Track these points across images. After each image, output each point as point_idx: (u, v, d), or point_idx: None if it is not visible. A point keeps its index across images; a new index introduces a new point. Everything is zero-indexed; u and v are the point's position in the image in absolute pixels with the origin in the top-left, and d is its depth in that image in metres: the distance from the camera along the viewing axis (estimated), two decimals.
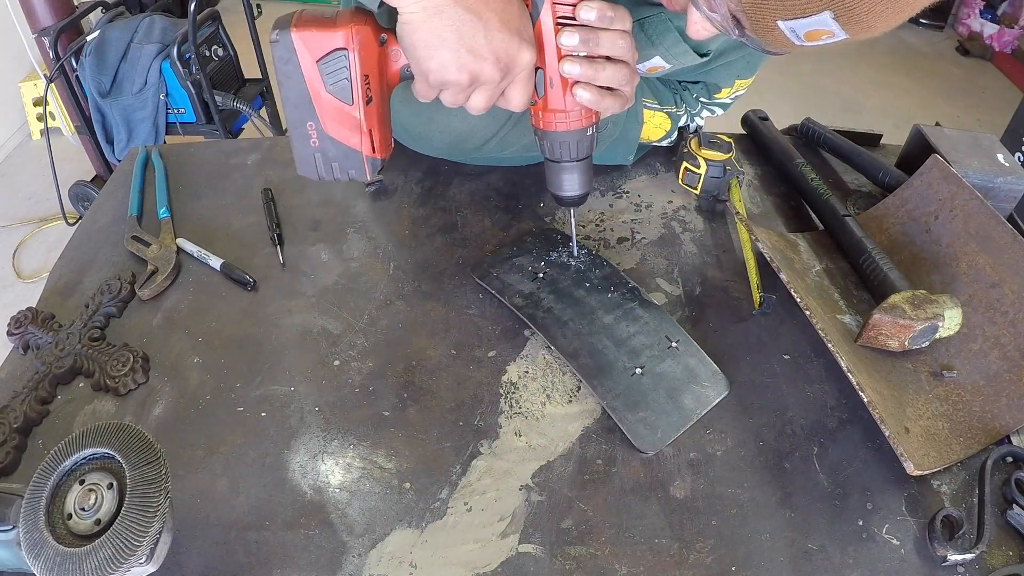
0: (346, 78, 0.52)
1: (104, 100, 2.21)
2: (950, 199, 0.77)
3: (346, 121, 0.54)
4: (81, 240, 0.84)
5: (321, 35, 0.51)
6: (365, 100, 0.54)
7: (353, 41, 0.52)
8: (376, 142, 0.56)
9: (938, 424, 0.64)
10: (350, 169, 0.57)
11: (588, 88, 0.59)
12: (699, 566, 0.55)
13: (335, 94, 0.53)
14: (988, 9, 3.85)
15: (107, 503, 0.46)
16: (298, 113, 0.54)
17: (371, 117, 0.55)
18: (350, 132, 0.55)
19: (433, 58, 0.54)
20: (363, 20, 0.53)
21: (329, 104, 0.54)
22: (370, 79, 0.54)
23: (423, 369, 0.69)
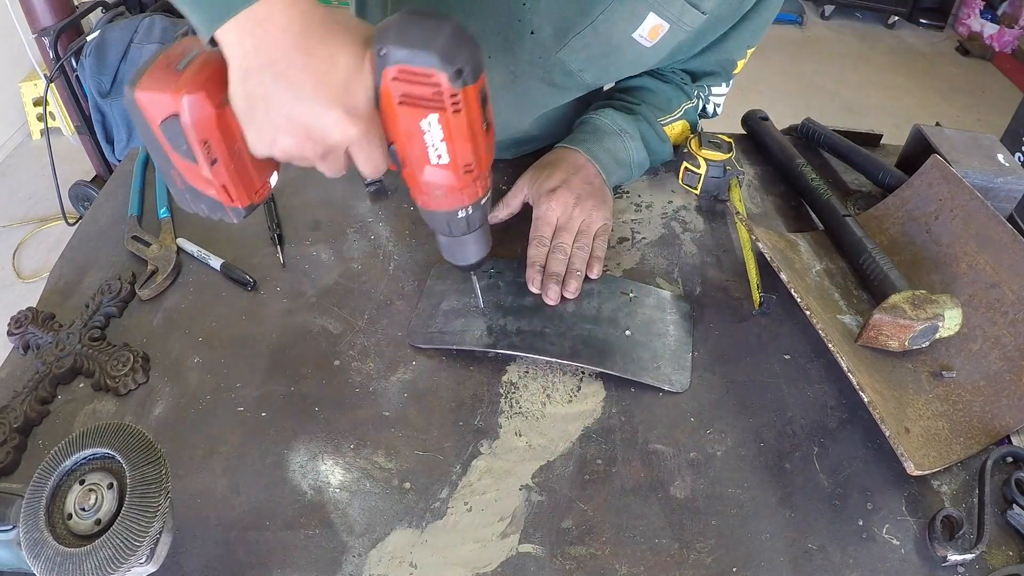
0: (184, 144, 0.49)
1: (104, 100, 2.21)
2: (950, 199, 0.77)
3: (198, 178, 0.52)
4: (81, 240, 0.84)
5: (158, 98, 0.48)
6: (209, 162, 0.50)
7: (184, 110, 0.47)
8: (234, 194, 0.53)
9: (938, 424, 0.64)
10: (216, 213, 0.55)
11: None
12: (699, 566, 0.55)
13: (181, 155, 0.50)
14: (988, 9, 3.85)
15: (107, 503, 0.46)
16: (161, 163, 0.52)
17: (220, 175, 0.51)
18: (206, 185, 0.53)
19: (246, 126, 0.49)
20: (204, 79, 0.48)
21: (181, 162, 0.51)
22: (211, 143, 0.49)
23: (423, 369, 0.69)
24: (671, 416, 0.66)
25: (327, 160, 0.51)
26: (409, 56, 0.45)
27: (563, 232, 0.77)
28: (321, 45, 0.46)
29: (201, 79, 0.47)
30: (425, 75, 0.46)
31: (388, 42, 0.45)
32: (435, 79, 0.46)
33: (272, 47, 0.45)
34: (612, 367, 0.68)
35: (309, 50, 0.45)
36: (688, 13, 0.75)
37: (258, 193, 0.55)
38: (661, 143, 0.90)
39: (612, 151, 0.85)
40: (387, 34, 0.45)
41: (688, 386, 0.68)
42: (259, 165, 0.54)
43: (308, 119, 0.47)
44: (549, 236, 0.77)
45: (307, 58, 0.45)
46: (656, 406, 0.66)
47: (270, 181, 0.57)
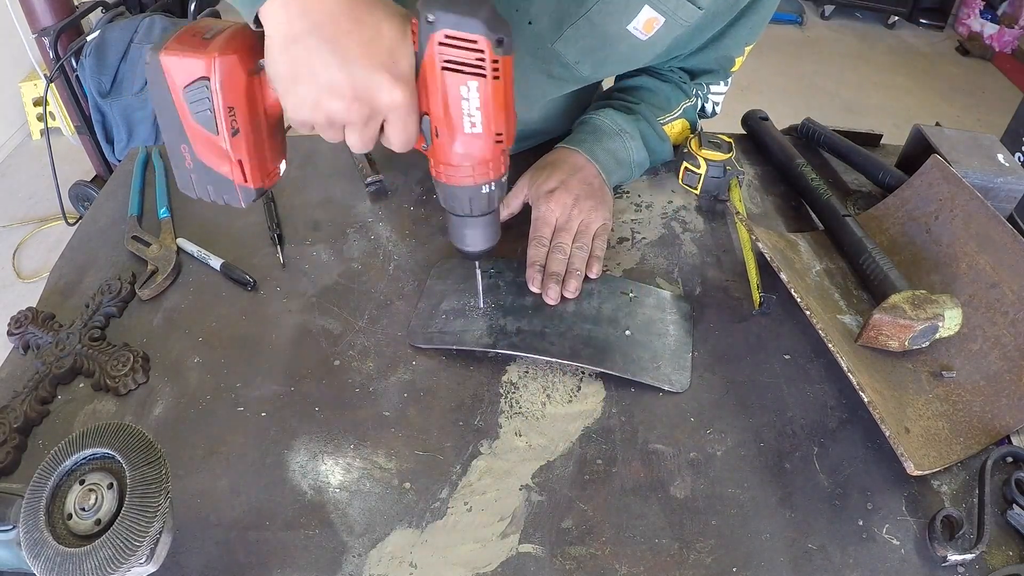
0: (208, 109, 0.49)
1: (104, 100, 2.21)
2: (950, 199, 0.77)
3: (214, 149, 0.52)
4: (81, 240, 0.84)
5: (186, 62, 0.48)
6: (231, 132, 0.50)
7: (215, 71, 0.48)
8: (248, 172, 0.53)
9: (938, 424, 0.64)
10: (224, 194, 0.54)
11: None
12: (699, 566, 0.55)
13: (200, 123, 0.50)
14: (988, 9, 3.85)
15: (107, 503, 0.46)
16: (171, 136, 0.52)
17: (239, 148, 0.52)
18: (219, 160, 0.52)
19: (288, 93, 0.49)
20: (236, 46, 0.49)
21: (197, 131, 0.51)
22: (236, 111, 0.50)
23: (423, 369, 0.69)
24: (671, 416, 0.66)
25: (367, 127, 0.51)
26: (457, 22, 0.47)
27: (562, 232, 0.77)
28: (367, 12, 0.48)
29: (234, 44, 0.49)
30: (471, 40, 0.48)
31: (436, 8, 0.47)
32: (480, 44, 0.48)
33: (318, 12, 0.46)
34: (612, 367, 0.68)
35: (355, 16, 0.47)
36: (684, 7, 0.74)
37: (269, 176, 0.56)
38: (661, 142, 0.90)
39: (612, 151, 0.85)
40: (434, 1, 0.47)
41: (688, 386, 0.68)
42: (274, 146, 0.55)
43: (357, 81, 0.48)
44: (548, 236, 0.77)
45: (353, 23, 0.47)
46: (656, 406, 0.66)
47: (279, 167, 0.57)
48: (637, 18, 0.75)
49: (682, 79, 0.92)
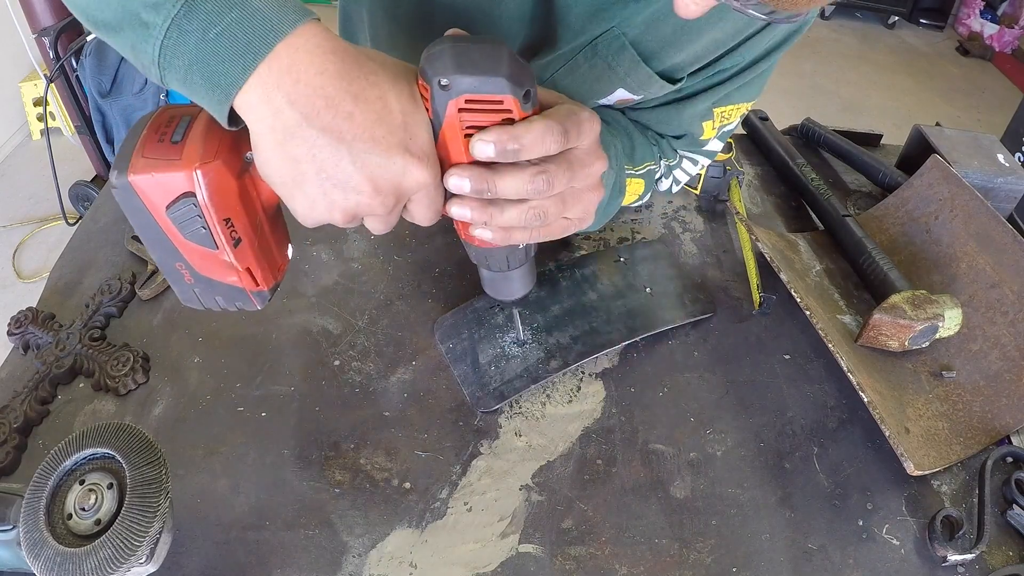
0: (201, 226, 0.42)
1: (104, 100, 2.21)
2: (950, 199, 0.77)
3: (216, 263, 0.45)
4: (81, 240, 0.84)
5: (163, 178, 0.41)
6: (232, 244, 0.44)
7: (199, 184, 0.40)
8: (259, 276, 0.47)
9: (938, 424, 0.64)
10: (235, 302, 0.49)
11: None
12: (699, 566, 0.55)
13: (195, 241, 0.43)
14: (988, 9, 3.86)
15: (107, 503, 0.46)
16: (163, 255, 0.45)
17: (245, 257, 0.45)
18: (224, 272, 0.46)
19: (295, 197, 0.42)
20: (215, 145, 0.42)
21: (192, 249, 0.44)
22: (234, 220, 0.43)
23: (423, 369, 0.69)
24: (671, 416, 0.66)
25: (393, 213, 0.45)
26: (477, 84, 0.41)
27: None
28: (368, 85, 0.40)
29: (212, 146, 0.41)
30: (496, 102, 0.42)
31: (449, 72, 0.41)
32: (507, 104, 0.42)
33: (309, 97, 0.39)
34: (664, 324, 0.72)
35: (355, 93, 0.40)
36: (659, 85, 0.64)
37: (280, 270, 0.50)
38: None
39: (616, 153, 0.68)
40: (444, 64, 0.41)
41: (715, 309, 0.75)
42: (279, 239, 0.50)
43: (375, 172, 0.41)
44: None
45: (356, 103, 0.40)
46: (656, 406, 0.66)
47: (287, 254, 0.52)
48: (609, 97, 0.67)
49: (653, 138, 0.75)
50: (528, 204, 0.46)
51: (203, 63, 0.38)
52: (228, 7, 0.37)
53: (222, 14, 0.37)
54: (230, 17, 0.37)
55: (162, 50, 0.38)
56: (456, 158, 0.44)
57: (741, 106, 0.71)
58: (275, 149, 0.40)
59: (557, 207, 0.48)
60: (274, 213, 0.49)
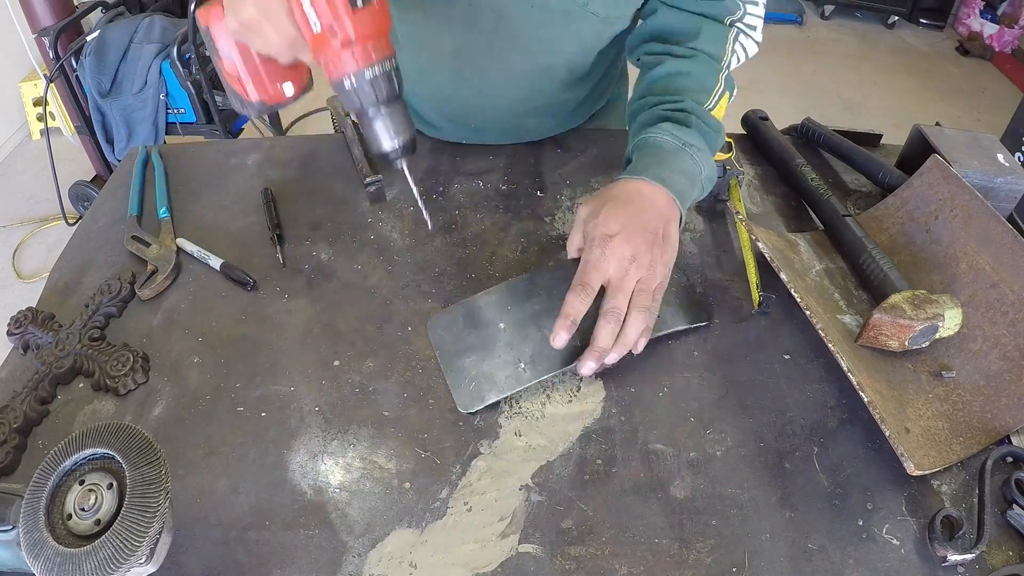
0: (211, 42, 0.66)
1: (104, 100, 2.21)
2: (950, 199, 0.77)
3: (224, 72, 0.68)
4: (81, 240, 0.84)
5: (201, 15, 0.65)
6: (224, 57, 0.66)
7: (200, 20, 0.66)
8: (248, 88, 0.67)
9: (938, 424, 0.64)
10: (241, 107, 0.69)
11: None
12: (699, 566, 0.55)
13: (211, 54, 0.68)
14: (988, 9, 3.85)
15: (107, 503, 0.46)
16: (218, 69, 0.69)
17: (232, 70, 0.66)
18: (230, 79, 0.68)
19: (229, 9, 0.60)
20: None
21: (218, 64, 0.67)
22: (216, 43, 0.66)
23: (423, 369, 0.69)
24: (671, 416, 0.66)
25: (262, 33, 0.59)
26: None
27: (617, 294, 0.64)
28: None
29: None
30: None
31: None
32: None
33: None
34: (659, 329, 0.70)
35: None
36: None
37: (270, 95, 0.67)
38: (718, 136, 0.77)
39: (683, 170, 0.72)
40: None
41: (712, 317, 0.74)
42: (272, 69, 0.66)
43: None
44: (595, 287, 0.65)
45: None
46: (656, 406, 0.66)
47: (282, 88, 0.68)
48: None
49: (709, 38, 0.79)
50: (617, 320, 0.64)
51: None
52: None
53: None
54: None
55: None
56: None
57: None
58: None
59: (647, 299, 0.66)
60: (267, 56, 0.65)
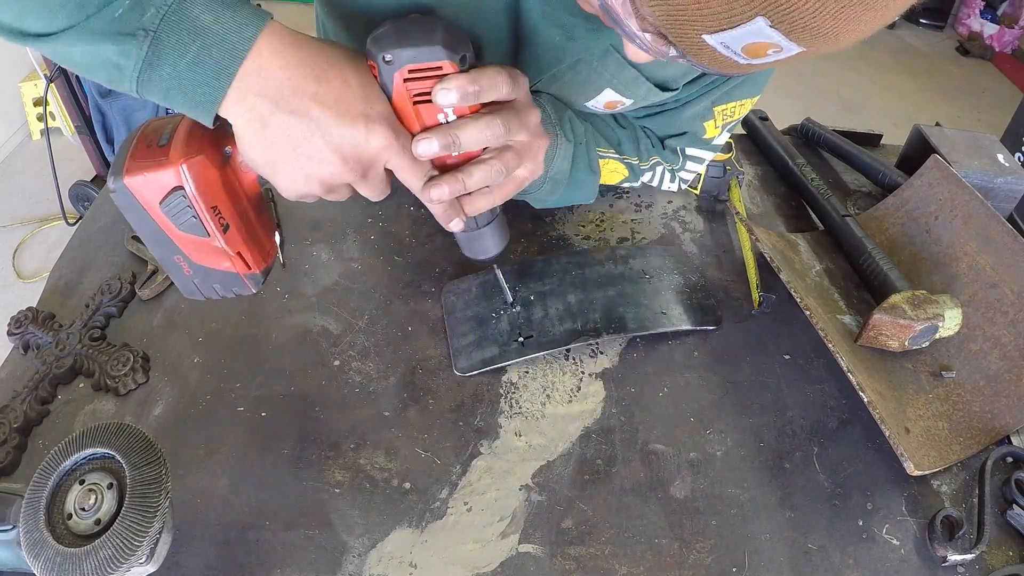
0: (192, 216, 0.48)
1: (104, 100, 2.20)
2: (950, 199, 0.77)
3: (210, 251, 0.51)
4: (81, 240, 0.84)
5: (153, 177, 0.46)
6: (222, 230, 0.49)
7: (186, 178, 0.46)
8: (250, 259, 0.53)
9: (938, 424, 0.64)
10: (232, 288, 0.54)
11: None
12: (699, 566, 0.55)
13: (188, 231, 0.49)
14: (988, 9, 3.86)
15: (107, 503, 0.46)
16: (161, 251, 0.51)
17: (235, 241, 0.51)
18: (218, 259, 0.51)
19: (277, 175, 0.48)
20: (197, 143, 0.47)
21: (187, 240, 0.50)
22: (220, 208, 0.49)
23: (423, 369, 0.69)
24: (671, 416, 0.66)
25: (368, 179, 0.50)
26: (416, 55, 0.46)
27: None
28: (328, 67, 0.46)
29: (194, 144, 0.47)
30: (435, 68, 0.47)
31: (390, 47, 0.46)
32: (445, 68, 0.47)
33: (276, 88, 0.44)
34: (665, 326, 0.71)
35: (318, 76, 0.45)
36: (653, 93, 0.66)
37: (269, 255, 0.55)
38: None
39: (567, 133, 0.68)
40: (386, 41, 0.46)
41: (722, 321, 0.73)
42: (264, 224, 0.55)
43: (339, 142, 0.46)
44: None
45: (318, 83, 0.45)
46: (656, 406, 0.66)
47: (275, 239, 0.57)
48: (597, 99, 0.67)
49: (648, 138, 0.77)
50: (489, 161, 0.52)
51: (180, 88, 0.43)
52: (190, 39, 0.42)
53: (186, 46, 0.42)
54: (195, 47, 0.42)
55: (138, 83, 0.43)
56: (409, 125, 0.50)
57: (744, 102, 0.73)
58: (254, 137, 0.46)
59: (514, 159, 0.53)
60: (258, 201, 0.53)
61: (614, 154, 0.76)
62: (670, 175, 0.81)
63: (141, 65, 0.42)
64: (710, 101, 0.71)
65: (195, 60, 0.42)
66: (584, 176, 0.72)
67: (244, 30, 0.43)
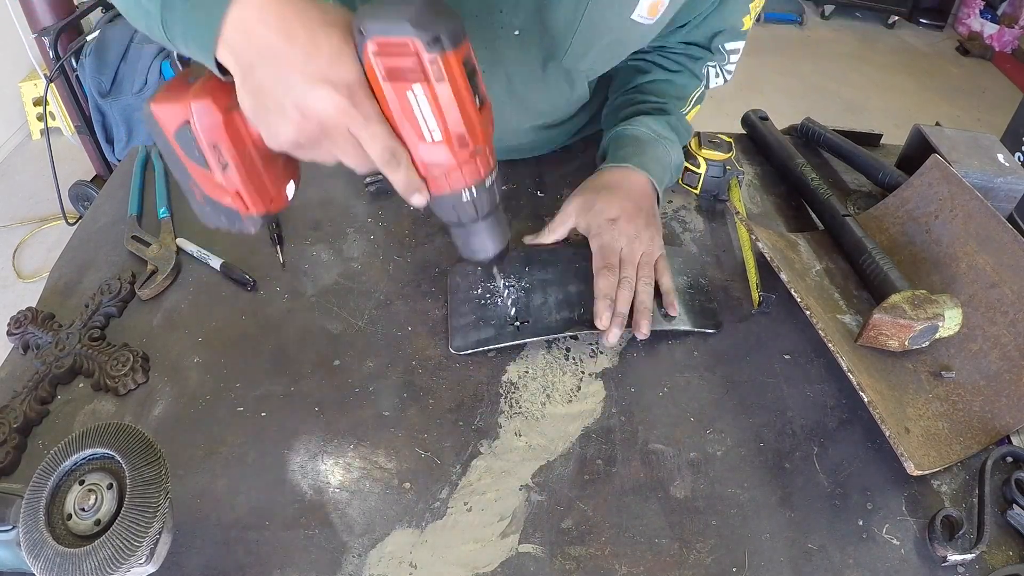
0: (196, 149, 0.51)
1: (104, 100, 2.21)
2: (950, 199, 0.77)
3: (213, 184, 0.54)
4: (81, 240, 0.84)
5: (170, 108, 0.51)
6: (221, 167, 0.52)
7: (192, 114, 0.50)
8: (248, 201, 0.54)
9: (938, 424, 0.64)
10: (235, 223, 0.56)
11: None
12: (699, 566, 0.55)
13: (195, 162, 0.52)
14: (988, 9, 3.86)
15: (107, 503, 0.46)
16: (181, 176, 0.54)
17: (232, 180, 0.53)
18: (221, 193, 0.54)
19: (259, 124, 0.50)
20: (211, 87, 0.50)
21: (196, 169, 0.53)
22: (220, 147, 0.51)
23: (423, 369, 0.69)
24: (671, 416, 0.66)
25: (335, 141, 0.50)
26: (384, 27, 0.46)
27: (627, 265, 0.73)
28: (302, 30, 0.47)
29: (208, 88, 0.50)
30: (402, 44, 0.46)
31: (363, 19, 0.46)
32: (412, 47, 0.46)
33: (258, 43, 0.47)
34: (653, 324, 0.70)
35: (290, 37, 0.47)
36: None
37: (273, 201, 0.56)
38: (687, 135, 0.88)
39: (658, 158, 0.81)
40: (362, 12, 0.47)
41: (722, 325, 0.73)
42: (272, 172, 0.55)
43: (298, 98, 0.48)
44: (617, 265, 0.72)
45: (289, 44, 0.47)
46: (656, 406, 0.66)
47: (286, 191, 0.57)
48: (640, 5, 0.71)
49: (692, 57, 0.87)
50: None
51: (184, 31, 0.50)
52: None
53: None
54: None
55: (165, 28, 0.50)
56: (383, 103, 0.49)
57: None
58: (241, 87, 0.49)
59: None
60: (268, 151, 0.54)
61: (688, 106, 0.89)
62: (715, 71, 0.89)
63: (160, 7, 0.49)
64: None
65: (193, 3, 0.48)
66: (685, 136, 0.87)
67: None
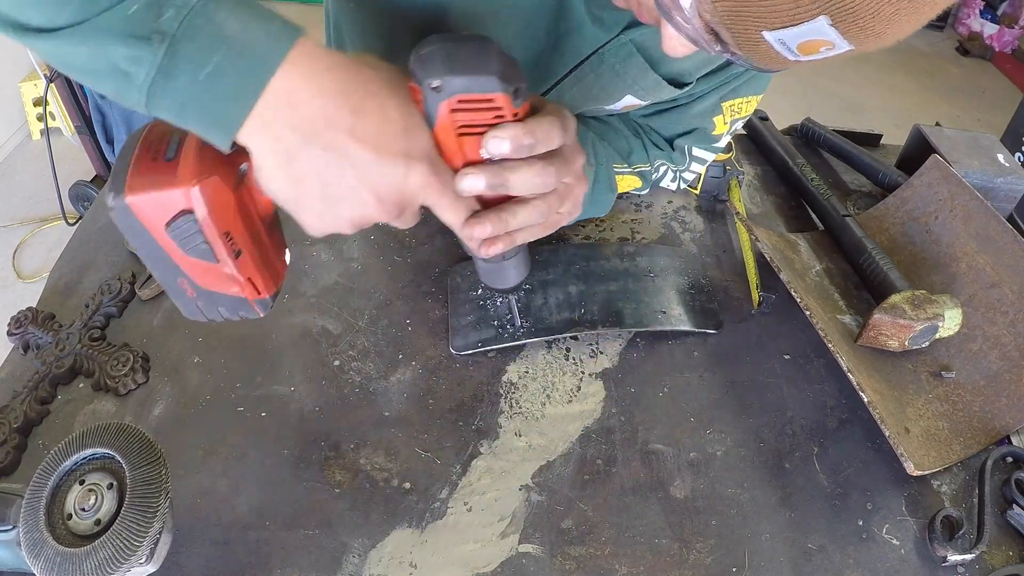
0: (201, 241, 0.42)
1: (104, 100, 2.20)
2: (950, 199, 0.77)
3: (218, 276, 0.46)
4: (81, 240, 0.84)
5: (160, 196, 0.40)
6: (233, 256, 0.44)
7: (198, 201, 0.40)
8: (260, 285, 0.48)
9: (938, 424, 0.64)
10: (239, 311, 0.49)
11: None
12: (699, 566, 0.55)
13: (196, 256, 0.43)
14: (988, 9, 3.86)
15: (107, 503, 0.46)
16: (164, 273, 0.46)
17: (246, 267, 0.46)
18: (226, 284, 0.46)
19: (301, 211, 0.43)
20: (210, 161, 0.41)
21: (194, 264, 0.44)
22: (233, 233, 0.43)
23: (423, 369, 0.69)
24: (671, 416, 0.66)
25: (404, 216, 0.46)
26: (468, 84, 0.42)
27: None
28: (366, 96, 0.41)
29: (207, 161, 0.41)
30: (487, 100, 0.42)
31: (440, 73, 0.41)
32: (497, 102, 0.43)
33: (311, 120, 0.39)
34: (653, 324, 0.70)
35: (354, 107, 0.40)
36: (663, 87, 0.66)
37: (280, 276, 0.51)
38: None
39: None
40: (435, 64, 0.41)
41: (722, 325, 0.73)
42: (277, 245, 0.50)
43: (377, 181, 0.42)
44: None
45: (355, 116, 0.40)
46: (656, 406, 0.66)
47: (285, 259, 0.52)
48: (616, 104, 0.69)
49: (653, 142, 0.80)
50: (534, 203, 0.48)
51: (196, 104, 0.37)
52: (213, 47, 0.36)
53: (208, 55, 0.36)
54: (218, 56, 0.36)
55: (149, 95, 0.37)
56: (450, 156, 0.45)
57: (751, 99, 0.75)
58: (279, 170, 0.41)
59: (556, 202, 0.50)
60: (271, 221, 0.49)
61: (627, 169, 0.79)
62: (672, 175, 0.83)
63: (154, 74, 0.36)
64: (719, 97, 0.73)
65: (216, 71, 0.37)
66: (604, 195, 0.76)
67: (274, 43, 0.38)
